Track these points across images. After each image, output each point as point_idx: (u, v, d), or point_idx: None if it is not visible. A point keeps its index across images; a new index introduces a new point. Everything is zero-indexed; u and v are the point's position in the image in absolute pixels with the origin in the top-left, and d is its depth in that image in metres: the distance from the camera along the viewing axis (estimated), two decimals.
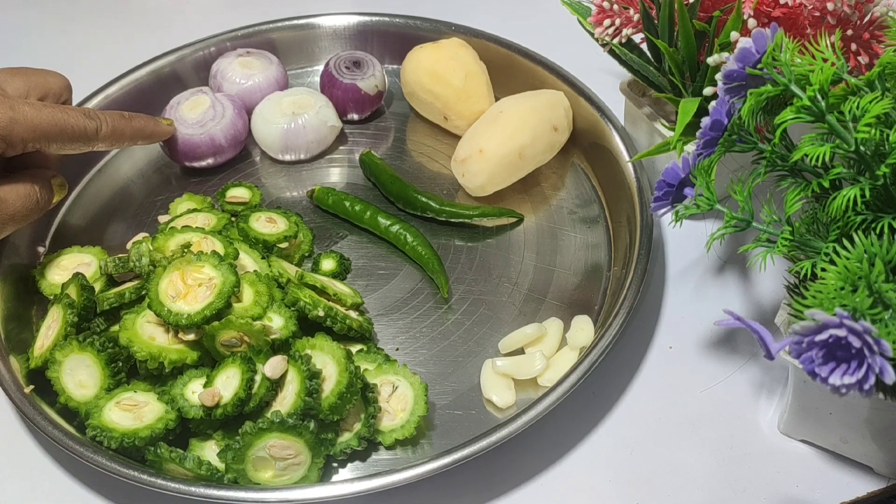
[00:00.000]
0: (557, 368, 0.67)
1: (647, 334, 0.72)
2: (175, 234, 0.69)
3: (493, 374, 0.67)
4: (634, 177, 0.76)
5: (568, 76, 0.85)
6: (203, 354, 0.64)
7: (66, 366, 0.64)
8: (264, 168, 0.85)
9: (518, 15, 1.02)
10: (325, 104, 0.84)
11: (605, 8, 0.73)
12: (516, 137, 0.78)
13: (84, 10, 1.08)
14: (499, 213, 0.78)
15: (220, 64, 0.87)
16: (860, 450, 0.62)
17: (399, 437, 0.63)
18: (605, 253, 0.76)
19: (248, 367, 0.61)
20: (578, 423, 0.66)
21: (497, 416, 0.66)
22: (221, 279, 0.64)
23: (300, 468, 0.61)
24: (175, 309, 0.63)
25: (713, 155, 0.57)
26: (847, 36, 0.66)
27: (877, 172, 0.51)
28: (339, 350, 0.63)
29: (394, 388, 0.65)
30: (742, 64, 0.55)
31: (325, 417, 0.61)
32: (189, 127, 0.81)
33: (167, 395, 0.63)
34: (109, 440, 0.60)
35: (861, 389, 0.44)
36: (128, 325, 0.64)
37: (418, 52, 0.85)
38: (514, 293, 0.74)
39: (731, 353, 0.70)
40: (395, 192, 0.80)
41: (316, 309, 0.66)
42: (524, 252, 0.77)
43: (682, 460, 0.64)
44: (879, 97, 0.51)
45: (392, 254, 0.77)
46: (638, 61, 0.75)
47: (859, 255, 0.48)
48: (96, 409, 0.62)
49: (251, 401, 0.61)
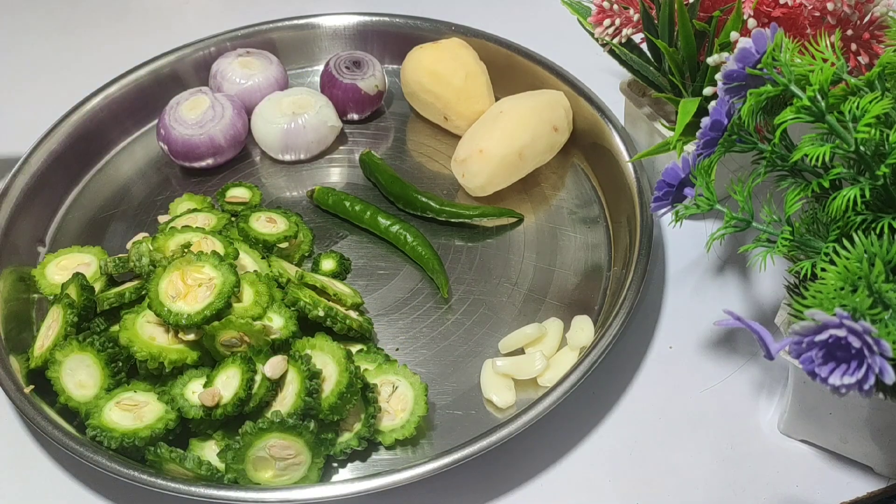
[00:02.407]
0: (557, 368, 0.67)
1: (647, 334, 0.72)
2: (175, 234, 0.69)
3: (494, 374, 0.67)
4: (634, 177, 0.76)
5: (568, 76, 0.85)
6: (203, 354, 0.64)
7: (66, 366, 0.64)
8: (264, 168, 0.85)
9: (518, 15, 1.02)
10: (326, 104, 0.84)
11: (605, 8, 0.73)
12: (516, 137, 0.78)
13: (84, 11, 1.08)
14: (499, 213, 0.78)
15: (220, 64, 0.87)
16: (860, 450, 0.62)
17: (399, 437, 0.63)
18: (604, 253, 0.76)
19: (249, 367, 0.61)
20: (578, 423, 0.66)
21: (497, 416, 0.66)
22: (221, 279, 0.64)
23: (300, 468, 0.61)
24: (175, 309, 0.63)
25: (713, 155, 0.57)
26: (847, 36, 0.66)
27: (877, 172, 0.51)
28: (340, 350, 0.63)
29: (394, 389, 0.65)
30: (742, 64, 0.55)
31: (326, 417, 0.61)
32: (189, 127, 0.81)
33: (167, 394, 0.63)
34: (110, 440, 0.60)
35: (861, 389, 0.44)
36: (128, 325, 0.64)
37: (419, 52, 0.85)
38: (514, 293, 0.74)
39: (731, 353, 0.70)
40: (395, 193, 0.80)
41: (316, 309, 0.66)
42: (524, 252, 0.77)
43: (682, 460, 0.64)
44: (879, 97, 0.51)
45: (392, 254, 0.77)
46: (638, 61, 0.75)
47: (859, 255, 0.48)
48: (96, 409, 0.62)
49: (251, 401, 0.61)
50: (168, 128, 0.81)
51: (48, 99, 0.93)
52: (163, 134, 0.82)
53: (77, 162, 0.84)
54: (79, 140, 0.84)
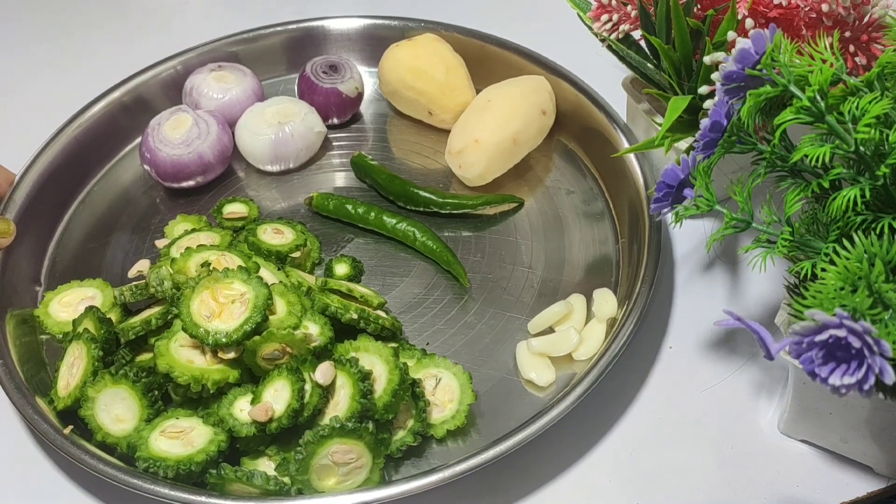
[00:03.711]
0: (590, 341, 0.69)
1: (646, 335, 0.71)
2: (192, 255, 0.67)
3: (530, 355, 0.68)
4: (633, 161, 0.77)
5: (543, 59, 0.86)
6: (243, 371, 0.63)
7: (100, 402, 0.62)
8: (252, 181, 0.84)
9: (517, 16, 1.03)
10: (310, 110, 0.84)
11: (605, 3, 0.73)
12: (510, 124, 0.79)
13: (85, 12, 1.07)
14: (501, 199, 0.79)
15: (194, 80, 0.85)
16: (860, 450, 0.61)
17: (451, 427, 0.64)
18: (609, 225, 0.78)
19: (297, 378, 0.61)
20: (578, 424, 0.66)
21: (538, 395, 0.67)
22: (254, 293, 0.63)
23: (362, 471, 0.60)
24: (212, 328, 0.62)
25: (713, 156, 0.57)
26: (845, 37, 0.65)
27: (877, 172, 0.51)
28: (386, 349, 0.63)
29: (437, 381, 0.65)
30: (741, 65, 0.54)
31: (381, 417, 0.61)
32: (175, 147, 0.79)
33: (213, 416, 0.62)
34: (165, 469, 0.59)
35: (861, 389, 0.44)
36: (163, 352, 0.62)
37: (395, 50, 0.86)
38: (531, 275, 0.75)
39: (731, 353, 0.70)
40: (395, 191, 0.80)
41: (348, 312, 0.66)
42: (531, 235, 0.78)
43: (682, 460, 0.64)
44: (879, 97, 0.51)
45: (400, 252, 0.78)
46: (636, 58, 0.75)
47: (859, 256, 0.48)
48: (142, 441, 0.61)
49: (304, 410, 0.60)
50: (153, 150, 0.79)
51: (48, 101, 0.93)
52: (148, 157, 0.80)
53: (58, 197, 0.81)
54: (55, 176, 0.81)
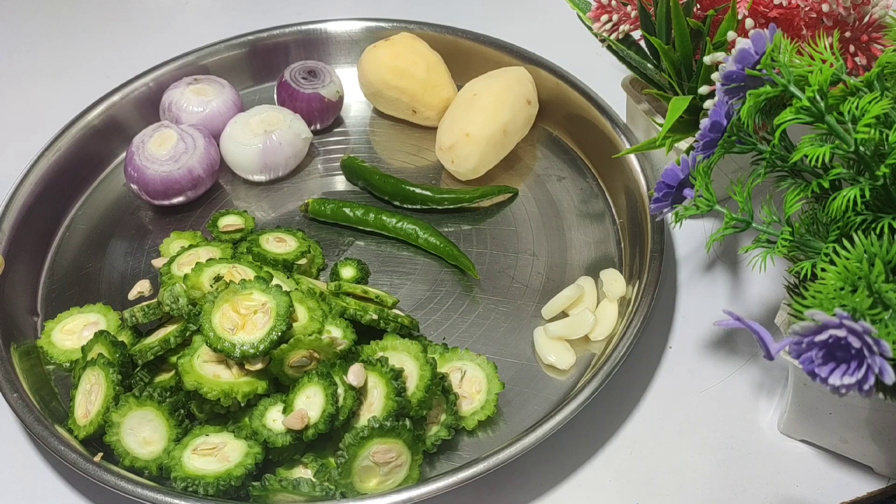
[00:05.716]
0: (605, 322, 0.70)
1: (646, 335, 0.71)
2: (204, 269, 0.66)
3: (548, 340, 0.69)
4: (615, 131, 0.79)
5: (518, 50, 0.87)
6: (270, 381, 0.62)
7: (125, 426, 0.61)
8: (240, 192, 0.83)
9: (516, 16, 1.03)
10: (295, 117, 0.83)
11: (604, 3, 0.74)
12: (499, 115, 0.79)
13: (85, 12, 1.05)
14: (497, 191, 0.80)
15: (171, 95, 0.84)
16: (860, 450, 0.61)
17: (481, 417, 0.64)
18: (604, 206, 0.79)
19: (329, 382, 0.60)
20: (578, 424, 0.65)
21: (560, 378, 0.68)
22: (275, 302, 0.62)
23: (402, 469, 0.60)
24: (238, 341, 0.61)
25: (713, 156, 0.57)
26: (845, 38, 0.66)
27: (876, 172, 0.51)
28: (414, 345, 0.63)
29: (462, 374, 0.66)
30: (741, 65, 0.54)
31: (416, 413, 0.61)
32: (163, 164, 0.78)
33: (245, 429, 0.61)
34: (205, 487, 0.58)
35: (861, 390, 0.44)
36: (188, 369, 0.61)
37: (374, 50, 0.85)
38: (535, 262, 0.76)
39: (731, 353, 0.70)
40: (389, 190, 0.80)
41: (367, 314, 0.66)
42: (530, 223, 0.79)
43: (682, 460, 0.64)
44: (878, 97, 0.51)
45: (402, 251, 0.78)
46: (636, 58, 0.75)
47: (859, 256, 0.48)
48: (174, 461, 0.59)
49: (340, 414, 0.60)
50: (140, 168, 0.78)
51: (51, 99, 0.94)
52: (135, 175, 0.78)
53: (42, 225, 0.79)
54: (37, 206, 0.79)
